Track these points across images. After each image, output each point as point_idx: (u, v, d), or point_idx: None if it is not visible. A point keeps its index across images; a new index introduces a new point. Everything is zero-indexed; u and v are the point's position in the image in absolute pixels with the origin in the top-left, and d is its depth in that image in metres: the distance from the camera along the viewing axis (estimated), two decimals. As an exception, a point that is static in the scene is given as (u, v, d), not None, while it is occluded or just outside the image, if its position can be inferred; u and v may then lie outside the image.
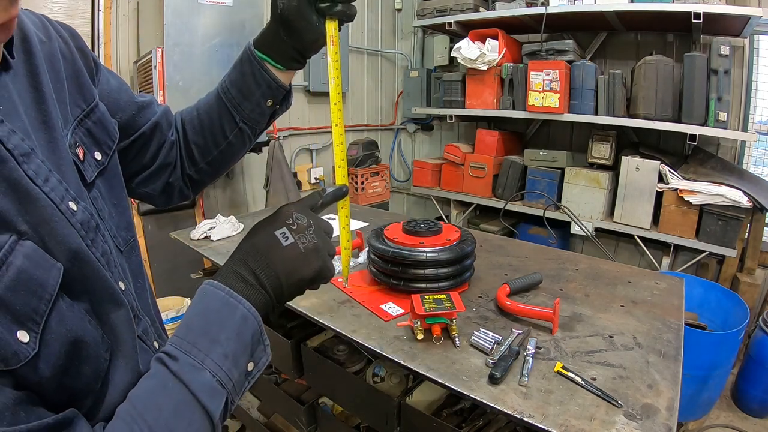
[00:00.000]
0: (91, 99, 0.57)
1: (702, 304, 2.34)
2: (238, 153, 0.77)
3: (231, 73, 0.70)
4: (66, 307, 0.42)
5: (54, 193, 0.44)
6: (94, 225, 0.49)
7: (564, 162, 2.88)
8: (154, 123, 0.70)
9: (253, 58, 0.67)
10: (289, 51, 0.65)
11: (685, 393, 0.97)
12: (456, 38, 3.30)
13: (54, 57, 0.53)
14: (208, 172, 0.78)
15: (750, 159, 2.77)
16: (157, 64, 2.05)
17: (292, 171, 3.21)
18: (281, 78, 0.68)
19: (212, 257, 1.44)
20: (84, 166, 0.52)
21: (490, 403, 0.76)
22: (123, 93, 0.66)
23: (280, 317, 1.53)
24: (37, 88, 0.48)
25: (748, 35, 2.51)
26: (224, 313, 0.47)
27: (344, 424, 1.40)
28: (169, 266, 2.53)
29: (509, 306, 1.04)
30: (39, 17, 0.55)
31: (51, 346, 0.39)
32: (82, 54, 0.59)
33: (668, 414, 0.72)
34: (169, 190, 0.76)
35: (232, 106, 0.70)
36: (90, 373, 0.45)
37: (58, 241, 0.42)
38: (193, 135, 0.74)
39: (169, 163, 0.73)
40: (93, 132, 0.56)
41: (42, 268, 0.40)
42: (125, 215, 0.60)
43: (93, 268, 0.46)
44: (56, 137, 0.48)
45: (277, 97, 0.70)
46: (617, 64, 3.01)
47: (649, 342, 0.94)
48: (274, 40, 0.64)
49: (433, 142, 4.18)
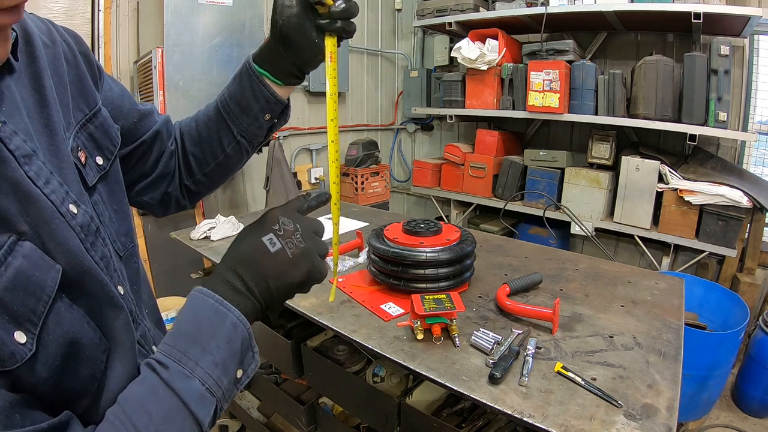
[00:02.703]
0: (93, 104, 0.57)
1: (702, 304, 2.34)
2: (235, 165, 0.77)
3: (230, 86, 0.70)
4: (65, 308, 0.42)
5: (55, 195, 0.44)
6: (94, 228, 0.49)
7: (564, 162, 2.88)
8: (155, 132, 0.70)
9: (252, 72, 0.67)
10: (288, 67, 0.65)
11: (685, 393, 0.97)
12: (456, 38, 3.30)
13: (58, 61, 0.53)
14: (205, 184, 0.78)
15: (750, 159, 2.77)
16: (157, 64, 2.05)
17: (292, 171, 3.21)
18: (280, 93, 0.68)
19: (212, 257, 1.44)
20: (85, 170, 0.53)
21: (490, 403, 0.76)
22: (125, 100, 0.67)
23: (280, 317, 1.53)
24: (40, 92, 0.48)
25: (748, 35, 2.51)
26: (215, 321, 0.48)
27: (344, 424, 1.40)
28: (169, 266, 2.54)
29: (509, 306, 1.04)
30: (44, 21, 0.55)
31: (48, 347, 0.40)
32: (86, 59, 0.59)
33: (668, 414, 0.72)
34: (167, 200, 0.77)
35: (230, 119, 0.70)
36: (86, 374, 0.45)
37: (58, 243, 0.43)
38: (191, 146, 0.75)
39: (168, 172, 0.74)
40: (95, 136, 0.56)
41: (41, 269, 0.40)
42: (126, 221, 0.60)
43: (92, 271, 0.46)
44: (58, 140, 0.48)
45: (275, 111, 0.70)
46: (617, 64, 3.01)
47: (649, 342, 0.94)
48: (273, 55, 0.65)
49: (433, 142, 4.18)
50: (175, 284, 2.50)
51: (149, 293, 0.65)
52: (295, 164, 3.35)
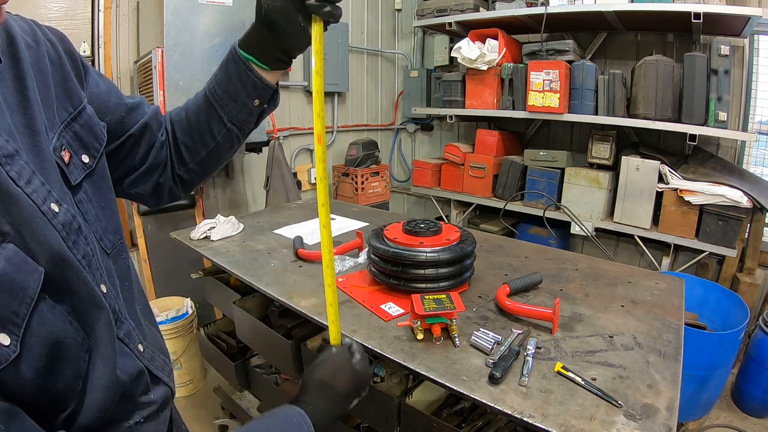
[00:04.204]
0: (78, 102, 0.57)
1: (702, 304, 2.34)
2: (226, 153, 0.77)
3: (217, 73, 0.70)
4: (47, 308, 0.43)
5: (36, 194, 0.44)
6: (76, 227, 0.49)
7: (564, 162, 2.88)
8: (143, 124, 0.70)
9: (237, 58, 0.67)
10: (274, 51, 0.65)
11: (685, 393, 0.97)
12: (456, 38, 3.30)
13: (41, 61, 0.53)
14: (197, 172, 0.78)
15: (750, 159, 2.77)
16: (157, 64, 2.05)
17: (292, 171, 3.21)
18: (267, 78, 0.68)
19: (212, 257, 1.44)
20: (69, 169, 0.53)
21: (490, 403, 0.76)
22: (112, 95, 0.66)
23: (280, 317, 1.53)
24: (23, 92, 0.48)
25: (748, 35, 2.51)
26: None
27: (344, 424, 1.40)
28: (169, 266, 2.54)
29: (509, 306, 1.04)
30: (27, 22, 0.55)
31: (32, 348, 0.40)
32: (71, 57, 0.59)
33: (668, 414, 0.72)
34: (160, 191, 0.76)
35: (220, 106, 0.70)
36: (70, 374, 0.45)
37: (40, 242, 0.43)
38: (181, 135, 0.75)
39: (159, 163, 0.74)
40: (80, 135, 0.56)
41: (23, 272, 0.40)
42: (113, 218, 0.60)
43: (74, 269, 0.46)
44: (40, 140, 0.49)
45: (264, 96, 0.70)
46: (617, 64, 3.01)
47: (649, 342, 0.94)
48: (258, 40, 0.64)
49: (433, 142, 4.18)
50: (175, 284, 2.50)
51: (139, 288, 0.65)
52: (295, 164, 3.35)
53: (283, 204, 2.45)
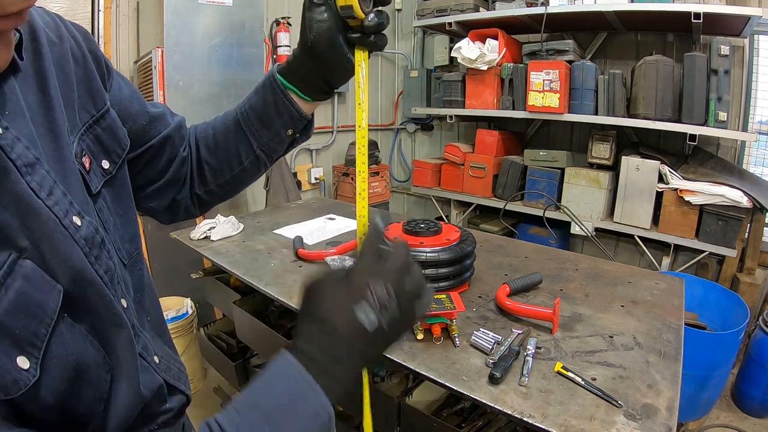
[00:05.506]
0: (102, 104, 0.54)
1: (702, 304, 2.34)
2: (251, 178, 0.75)
3: (251, 98, 0.67)
4: (66, 329, 0.40)
5: (58, 207, 0.41)
6: (99, 240, 0.46)
7: (564, 162, 2.88)
8: (165, 136, 0.67)
9: (277, 86, 0.64)
10: (318, 82, 0.63)
11: (685, 393, 0.97)
12: (456, 38, 3.30)
13: (64, 59, 0.50)
14: (218, 194, 0.75)
15: (750, 159, 2.77)
16: (157, 64, 2.06)
17: (292, 171, 3.21)
18: (304, 108, 0.66)
19: (212, 257, 1.44)
20: (90, 177, 0.50)
21: (490, 403, 0.76)
22: (134, 102, 0.63)
23: (280, 317, 1.53)
24: (45, 92, 0.45)
25: (748, 35, 2.51)
26: (297, 403, 0.43)
27: (344, 424, 1.40)
28: (169, 266, 2.53)
29: (509, 306, 1.04)
30: (52, 16, 0.52)
31: (52, 371, 0.38)
32: (95, 57, 0.56)
33: (668, 414, 0.72)
34: (175, 207, 0.74)
35: (251, 132, 0.67)
36: (92, 396, 0.43)
37: (60, 258, 0.40)
38: (206, 154, 0.71)
39: (178, 179, 0.70)
40: (102, 139, 0.54)
41: (42, 291, 0.38)
42: (131, 226, 0.58)
43: (96, 287, 0.44)
44: (62, 145, 0.46)
45: (298, 126, 0.68)
46: (617, 64, 3.01)
47: (649, 342, 0.94)
48: (301, 70, 0.62)
49: (433, 142, 4.18)
50: (175, 284, 2.50)
51: (152, 297, 0.62)
52: (295, 164, 3.35)
53: (283, 204, 2.45)
